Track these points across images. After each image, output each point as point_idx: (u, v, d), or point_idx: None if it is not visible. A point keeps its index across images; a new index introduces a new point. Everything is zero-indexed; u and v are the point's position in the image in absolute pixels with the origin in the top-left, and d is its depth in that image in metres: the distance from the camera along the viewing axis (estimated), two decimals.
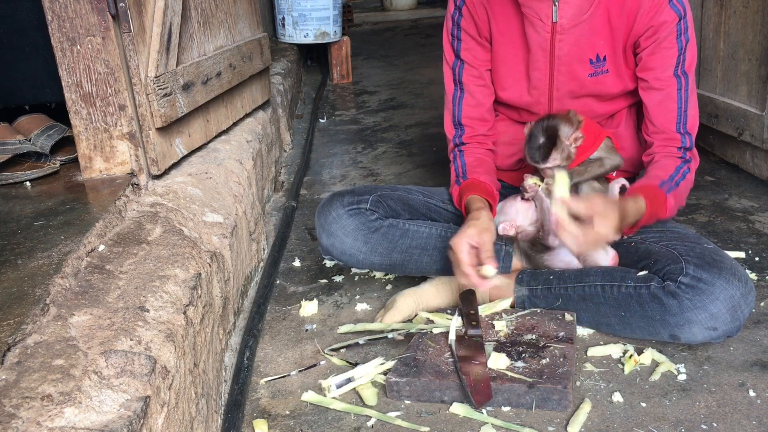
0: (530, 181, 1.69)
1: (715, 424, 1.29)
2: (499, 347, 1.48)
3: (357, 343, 1.60)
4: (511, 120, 1.85)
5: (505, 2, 1.70)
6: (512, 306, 1.66)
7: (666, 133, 1.67)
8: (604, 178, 1.69)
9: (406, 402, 1.41)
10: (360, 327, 1.68)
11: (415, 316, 1.67)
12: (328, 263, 2.05)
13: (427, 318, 1.63)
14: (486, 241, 1.53)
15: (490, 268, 1.51)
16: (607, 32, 1.64)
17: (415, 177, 2.77)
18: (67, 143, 1.86)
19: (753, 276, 1.79)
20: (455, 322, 1.55)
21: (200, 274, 1.40)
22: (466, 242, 1.52)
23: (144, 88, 1.64)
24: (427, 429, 1.32)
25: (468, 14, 1.74)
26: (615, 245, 1.63)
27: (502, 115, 1.86)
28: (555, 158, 1.60)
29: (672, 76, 1.64)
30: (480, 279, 1.50)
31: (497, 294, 1.68)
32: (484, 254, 1.51)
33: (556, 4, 1.62)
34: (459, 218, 1.79)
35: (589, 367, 1.48)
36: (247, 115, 2.44)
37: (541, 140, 1.60)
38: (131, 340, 1.09)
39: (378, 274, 1.95)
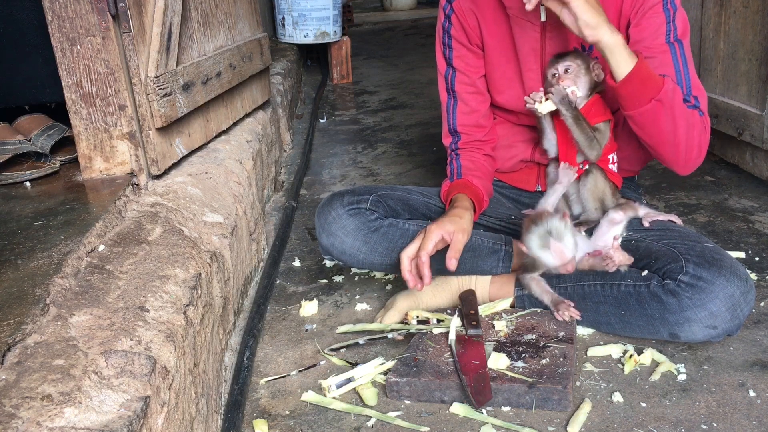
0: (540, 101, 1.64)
1: (715, 424, 1.29)
2: (499, 347, 1.49)
3: (357, 343, 1.61)
4: (509, 123, 1.85)
5: (495, 7, 1.70)
6: (512, 306, 1.66)
7: None
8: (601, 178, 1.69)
9: (406, 402, 1.41)
10: (359, 327, 1.68)
11: (406, 313, 1.66)
12: (328, 263, 2.05)
13: (417, 316, 1.63)
14: (458, 240, 1.54)
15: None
16: None
17: (415, 177, 2.77)
18: (67, 143, 1.86)
19: (753, 276, 1.79)
20: (455, 322, 1.55)
21: (200, 274, 1.40)
22: (440, 234, 1.53)
23: (144, 88, 1.64)
24: (427, 429, 1.32)
25: (457, 22, 1.75)
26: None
27: (500, 119, 1.86)
28: (576, 59, 1.59)
29: (664, 43, 1.59)
30: (415, 279, 1.51)
31: (497, 294, 1.68)
32: (452, 252, 1.52)
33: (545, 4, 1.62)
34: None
35: (589, 367, 1.48)
36: (247, 115, 2.44)
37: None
38: (131, 340, 1.09)
39: (378, 274, 1.95)
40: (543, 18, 1.63)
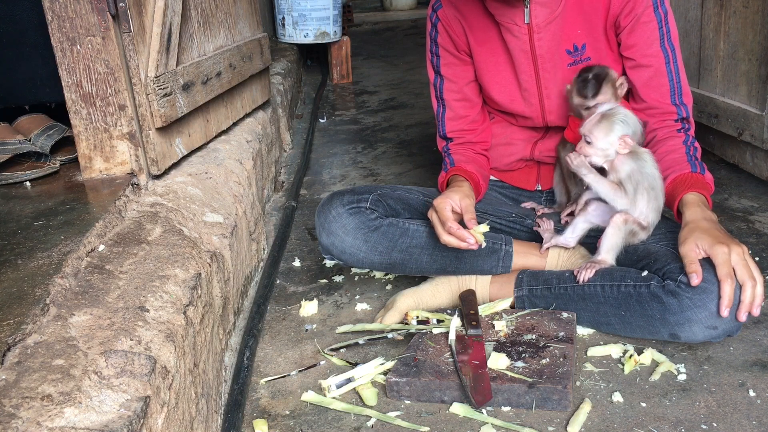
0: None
1: (715, 424, 1.29)
2: (499, 347, 1.48)
3: (357, 343, 1.61)
4: (507, 122, 1.86)
5: (480, 14, 1.72)
6: (512, 306, 1.66)
7: (660, 108, 1.67)
8: None
9: (406, 402, 1.41)
10: (359, 327, 1.68)
11: (406, 313, 1.66)
12: (328, 263, 2.05)
13: (417, 316, 1.63)
14: (468, 205, 1.55)
15: (483, 226, 1.52)
16: (581, 21, 1.66)
17: (415, 177, 2.77)
18: (67, 143, 1.86)
19: None
20: (455, 322, 1.55)
21: (200, 274, 1.40)
22: (449, 203, 1.54)
23: (144, 88, 1.64)
24: (427, 429, 1.32)
25: (443, 30, 1.77)
26: None
27: (497, 117, 1.87)
28: (606, 92, 1.60)
29: (659, 50, 1.64)
30: (466, 233, 1.50)
31: (497, 294, 1.68)
32: (468, 216, 1.53)
33: (528, 6, 1.63)
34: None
35: (589, 367, 1.48)
36: (247, 115, 2.44)
37: (592, 75, 1.60)
38: (131, 340, 1.09)
39: (378, 274, 1.95)
40: (527, 20, 1.65)
